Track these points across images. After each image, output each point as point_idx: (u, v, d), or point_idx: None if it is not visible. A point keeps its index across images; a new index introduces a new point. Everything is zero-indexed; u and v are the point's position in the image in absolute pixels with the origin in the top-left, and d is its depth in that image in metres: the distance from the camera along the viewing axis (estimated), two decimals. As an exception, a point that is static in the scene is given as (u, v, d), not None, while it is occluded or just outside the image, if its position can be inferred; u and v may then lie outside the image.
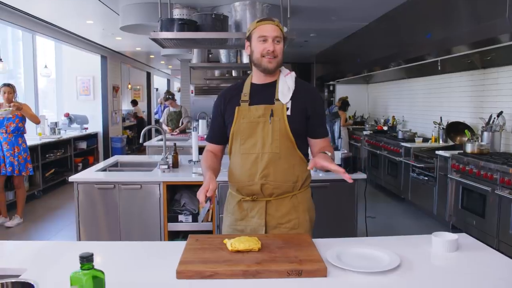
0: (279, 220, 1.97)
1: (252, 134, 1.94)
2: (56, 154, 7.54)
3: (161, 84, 19.50)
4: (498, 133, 4.74)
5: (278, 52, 1.92)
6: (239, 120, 1.95)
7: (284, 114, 1.91)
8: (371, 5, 5.72)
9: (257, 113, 1.93)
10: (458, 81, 5.82)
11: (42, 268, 1.54)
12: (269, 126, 1.91)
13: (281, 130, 1.91)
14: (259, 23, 1.94)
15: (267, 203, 1.97)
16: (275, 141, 1.91)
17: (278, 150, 1.91)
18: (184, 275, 1.43)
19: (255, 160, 1.93)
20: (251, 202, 1.99)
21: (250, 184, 1.95)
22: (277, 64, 1.94)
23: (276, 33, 1.91)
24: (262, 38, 1.91)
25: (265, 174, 1.92)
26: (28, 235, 4.90)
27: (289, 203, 1.98)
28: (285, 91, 1.95)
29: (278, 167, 1.92)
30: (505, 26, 3.53)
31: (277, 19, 1.97)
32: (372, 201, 6.12)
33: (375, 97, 9.56)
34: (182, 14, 3.73)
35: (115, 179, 3.45)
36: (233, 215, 2.05)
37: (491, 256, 1.68)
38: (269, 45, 1.90)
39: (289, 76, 1.99)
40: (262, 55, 1.91)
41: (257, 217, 1.98)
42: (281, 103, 1.93)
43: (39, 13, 6.41)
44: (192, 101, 9.62)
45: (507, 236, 3.82)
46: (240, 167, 1.97)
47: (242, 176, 1.97)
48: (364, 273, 1.46)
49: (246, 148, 1.95)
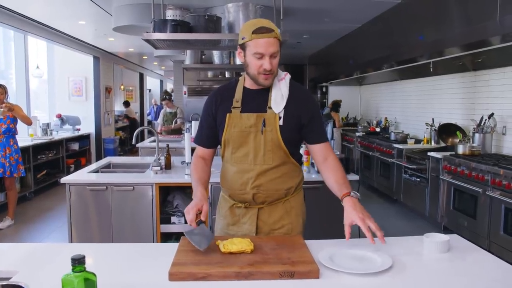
0: (272, 226, 1.95)
1: (244, 143, 1.88)
2: (48, 155, 7.50)
3: (154, 85, 19.44)
4: (489, 135, 4.78)
5: (275, 67, 1.80)
6: (230, 128, 1.88)
7: (277, 124, 1.84)
8: (363, 7, 5.75)
9: (248, 122, 1.85)
10: (450, 83, 5.86)
11: (33, 270, 1.53)
12: (261, 136, 1.85)
13: (274, 140, 1.85)
14: (254, 35, 1.75)
15: (259, 210, 1.94)
16: (267, 152, 1.86)
17: (271, 161, 1.87)
18: (176, 277, 1.43)
19: (247, 170, 1.89)
20: (243, 208, 1.96)
21: (242, 193, 1.92)
22: (273, 79, 1.85)
23: (273, 49, 1.76)
24: (258, 55, 1.76)
25: (257, 185, 1.89)
26: (20, 237, 4.86)
27: (282, 208, 1.95)
28: (278, 99, 1.86)
29: (271, 177, 1.89)
30: (495, 29, 3.57)
31: (273, 25, 1.80)
32: (365, 203, 6.09)
33: (368, 99, 9.60)
34: (175, 15, 3.72)
35: (108, 180, 3.44)
36: (225, 219, 2.02)
37: (482, 257, 1.69)
38: (266, 63, 1.76)
39: (283, 82, 1.89)
40: (259, 72, 1.79)
41: (248, 223, 1.95)
42: (273, 112, 1.84)
43: (31, 13, 6.38)
44: (185, 102, 9.63)
45: (498, 237, 3.85)
46: (232, 175, 1.94)
47: (234, 184, 1.93)
48: (356, 275, 1.46)
49: (237, 157, 1.90)
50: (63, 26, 7.47)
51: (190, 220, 1.67)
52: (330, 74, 9.35)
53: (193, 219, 1.67)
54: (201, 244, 1.52)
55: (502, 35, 3.56)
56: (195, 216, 1.67)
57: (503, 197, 3.74)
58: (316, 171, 3.58)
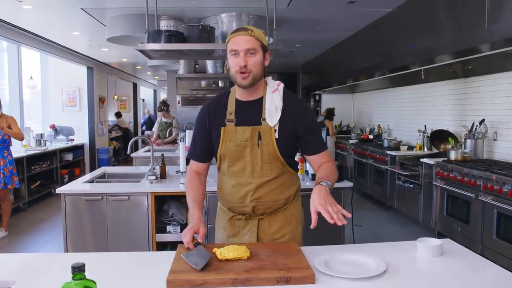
0: (273, 236, 1.94)
1: (240, 157, 1.86)
2: (41, 166, 7.47)
3: (148, 94, 19.45)
4: (480, 141, 4.84)
5: (252, 65, 1.76)
6: (226, 142, 1.85)
7: (273, 137, 1.82)
8: (355, 16, 5.82)
9: (244, 136, 1.83)
10: (441, 90, 5.93)
11: (31, 279, 1.53)
12: (257, 149, 1.83)
13: (270, 153, 1.84)
14: (232, 34, 1.79)
15: (259, 220, 1.94)
16: (265, 164, 1.85)
17: (269, 174, 1.86)
18: (174, 284, 1.44)
19: (245, 183, 1.88)
20: (243, 220, 1.95)
21: (242, 206, 1.92)
22: (253, 80, 1.78)
23: (248, 45, 1.74)
24: (233, 52, 1.76)
25: (256, 197, 1.88)
26: (14, 248, 4.84)
27: (282, 217, 1.95)
28: (272, 111, 1.82)
29: (269, 189, 1.88)
30: (484, 36, 3.64)
31: (252, 27, 1.82)
32: (359, 209, 6.18)
33: (361, 106, 9.67)
34: (169, 25, 3.76)
35: (103, 190, 3.44)
36: (225, 231, 2.01)
37: (475, 261, 1.72)
38: (240, 59, 1.74)
39: (277, 93, 1.85)
40: (236, 71, 1.77)
41: (249, 234, 1.94)
42: (268, 124, 1.82)
43: (25, 24, 6.39)
44: (179, 111, 9.63)
45: (491, 241, 3.88)
46: (230, 188, 1.92)
47: (233, 198, 1.92)
48: (351, 279, 1.49)
49: (235, 171, 1.89)
50: (57, 36, 7.49)
51: (187, 242, 1.66)
52: (323, 82, 9.42)
53: (190, 240, 1.66)
54: (198, 264, 1.53)
55: (490, 43, 3.63)
56: (191, 238, 1.67)
57: (495, 202, 3.79)
58: (310, 179, 3.60)
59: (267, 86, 1.89)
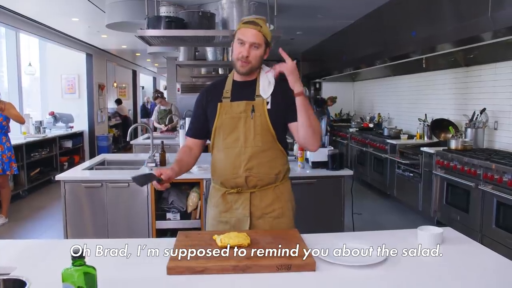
0: (264, 210, 2.03)
1: (234, 129, 1.98)
2: (41, 153, 7.47)
3: (147, 82, 19.38)
4: (481, 130, 4.82)
5: (253, 58, 1.94)
6: (222, 115, 2.00)
7: (265, 108, 1.97)
8: (357, 3, 5.77)
9: (238, 109, 1.98)
10: (442, 79, 5.90)
11: (31, 266, 1.53)
12: (250, 121, 1.97)
13: (262, 124, 1.97)
14: (243, 24, 1.96)
15: (251, 194, 2.02)
16: (257, 135, 1.97)
17: (260, 144, 1.97)
18: (174, 271, 1.44)
19: (238, 154, 1.98)
20: (235, 194, 2.03)
21: (235, 177, 2.00)
22: (250, 69, 1.97)
23: (254, 39, 1.92)
24: (240, 41, 1.94)
25: (249, 167, 1.97)
26: (14, 235, 4.85)
27: (273, 193, 2.04)
28: (265, 86, 2.00)
29: (261, 160, 1.98)
30: (487, 25, 3.60)
31: (263, 22, 1.98)
32: (359, 198, 6.18)
33: (361, 95, 9.64)
34: (169, 11, 3.73)
35: (102, 177, 3.44)
36: (217, 208, 2.09)
37: (475, 248, 1.72)
38: (244, 50, 1.92)
39: (270, 73, 2.02)
40: (237, 58, 1.95)
41: (241, 208, 2.02)
42: (261, 98, 1.98)
43: (23, 10, 6.33)
44: (179, 99, 9.60)
45: (490, 230, 3.89)
46: (224, 161, 2.02)
47: (226, 170, 2.01)
48: (352, 267, 1.49)
49: (228, 143, 2.00)
50: (56, 23, 7.43)
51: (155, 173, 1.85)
52: (324, 70, 9.37)
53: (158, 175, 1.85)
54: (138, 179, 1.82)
55: (493, 31, 3.59)
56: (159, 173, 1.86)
57: (495, 191, 3.79)
58: (310, 167, 3.60)
59: (262, 70, 2.06)
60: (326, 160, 3.55)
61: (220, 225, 2.06)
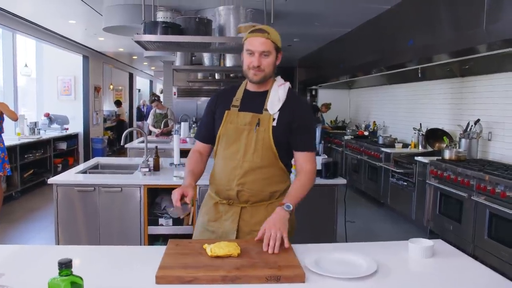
0: (253, 227, 1.93)
1: (236, 140, 1.95)
2: (35, 154, 7.43)
3: (144, 85, 19.36)
4: (475, 140, 4.84)
5: (265, 65, 1.90)
6: (227, 124, 1.97)
7: (270, 124, 1.92)
8: (354, 12, 5.80)
9: (244, 120, 1.95)
10: (437, 89, 5.93)
11: (19, 272, 1.52)
12: (253, 134, 1.92)
13: (265, 140, 1.92)
14: (249, 34, 1.92)
15: (242, 209, 1.98)
16: (257, 151, 1.92)
17: (259, 160, 1.93)
18: (163, 280, 1.43)
19: (235, 167, 1.94)
20: (227, 206, 2.01)
21: (227, 189, 1.97)
22: (263, 77, 1.93)
23: (263, 48, 1.88)
24: (249, 51, 1.90)
25: (242, 182, 1.94)
26: (5, 237, 4.81)
27: (264, 211, 1.95)
28: (275, 101, 1.95)
29: (257, 177, 1.94)
30: (482, 37, 3.63)
31: (270, 28, 1.94)
32: (352, 206, 6.18)
33: (357, 102, 9.66)
34: (166, 17, 3.71)
35: (96, 181, 3.42)
36: (207, 215, 2.06)
37: (466, 262, 1.72)
38: (254, 60, 1.89)
39: (282, 87, 1.98)
40: (249, 68, 1.92)
41: (230, 220, 1.99)
42: (268, 113, 1.93)
43: (20, 11, 6.32)
44: (175, 103, 9.60)
45: (482, 241, 3.90)
46: (221, 171, 2.00)
47: (221, 180, 1.99)
48: (342, 279, 1.48)
49: (228, 154, 1.97)
50: (53, 25, 7.42)
51: (175, 200, 1.77)
52: (320, 77, 9.40)
53: (178, 199, 1.77)
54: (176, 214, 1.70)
55: (488, 44, 3.62)
56: (179, 197, 1.78)
57: (488, 202, 3.80)
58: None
59: (275, 82, 2.02)
60: (320, 169, 3.55)
61: (206, 233, 2.02)
